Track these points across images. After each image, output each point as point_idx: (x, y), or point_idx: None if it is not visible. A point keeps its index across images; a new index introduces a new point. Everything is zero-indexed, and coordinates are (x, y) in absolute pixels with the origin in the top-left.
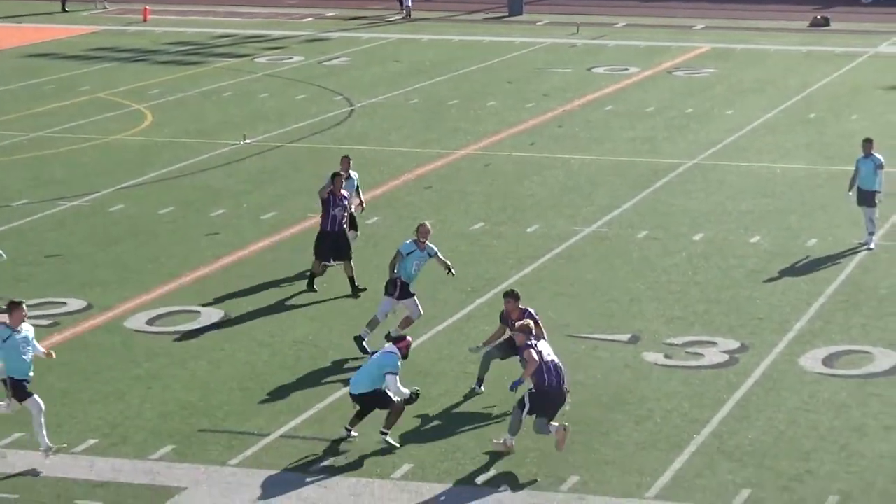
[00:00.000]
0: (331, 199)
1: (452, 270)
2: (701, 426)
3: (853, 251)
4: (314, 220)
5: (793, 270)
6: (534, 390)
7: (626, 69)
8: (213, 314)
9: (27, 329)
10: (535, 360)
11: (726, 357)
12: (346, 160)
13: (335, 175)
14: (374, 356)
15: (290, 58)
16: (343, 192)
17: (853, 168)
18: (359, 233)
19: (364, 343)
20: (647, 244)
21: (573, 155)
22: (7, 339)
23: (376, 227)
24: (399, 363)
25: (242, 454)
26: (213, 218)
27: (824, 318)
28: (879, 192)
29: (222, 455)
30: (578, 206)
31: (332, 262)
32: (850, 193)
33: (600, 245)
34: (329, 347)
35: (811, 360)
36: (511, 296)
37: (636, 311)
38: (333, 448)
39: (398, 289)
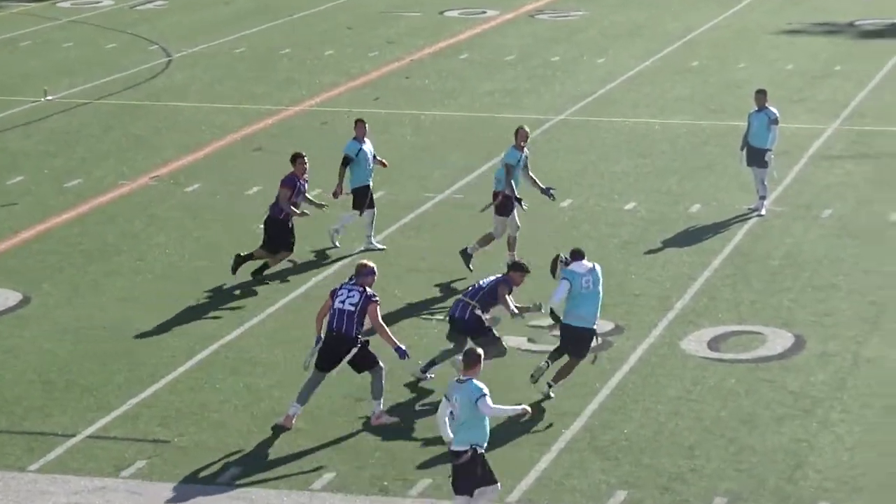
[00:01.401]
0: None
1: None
2: (570, 419)
3: (742, 218)
4: (128, 188)
5: (674, 241)
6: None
7: (484, 12)
8: (9, 297)
9: None
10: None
11: (598, 341)
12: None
13: (297, 157)
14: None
15: (98, 1)
16: (305, 176)
17: (744, 123)
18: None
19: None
20: None
21: (423, 111)
22: None
23: (197, 196)
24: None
25: (44, 458)
26: (9, 186)
27: (709, 295)
28: (770, 151)
29: (21, 459)
30: (430, 170)
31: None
32: (743, 153)
33: (455, 214)
34: (141, 333)
35: (695, 343)
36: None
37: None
38: (147, 449)
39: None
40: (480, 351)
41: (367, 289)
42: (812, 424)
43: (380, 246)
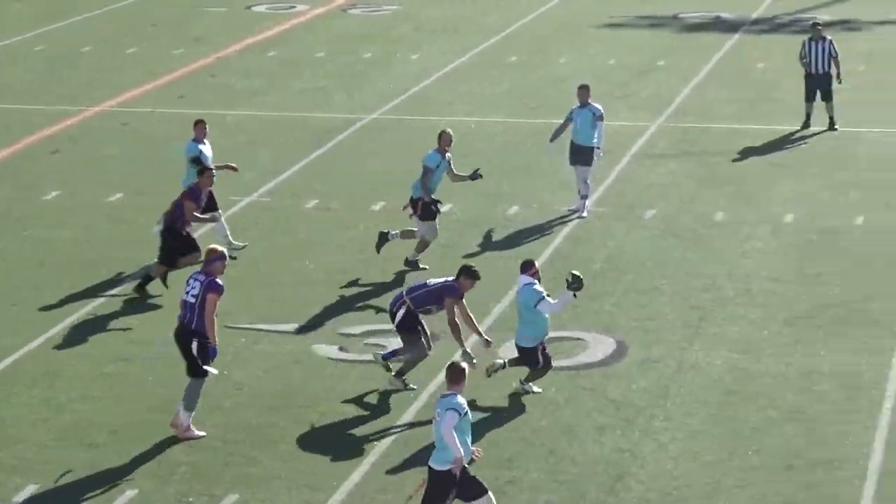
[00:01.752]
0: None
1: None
2: (384, 431)
3: (562, 220)
4: None
5: (491, 244)
6: None
7: (293, 7)
8: None
9: None
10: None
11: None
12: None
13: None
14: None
15: None
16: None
17: (563, 120)
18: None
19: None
20: (318, 216)
21: (229, 110)
22: None
23: None
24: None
25: None
26: None
27: None
28: (599, 149)
29: None
30: (236, 172)
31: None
32: (553, 144)
33: (262, 217)
34: None
35: (513, 351)
36: None
37: (305, 297)
38: None
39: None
40: (464, 365)
41: (213, 277)
42: (634, 433)
43: (240, 244)
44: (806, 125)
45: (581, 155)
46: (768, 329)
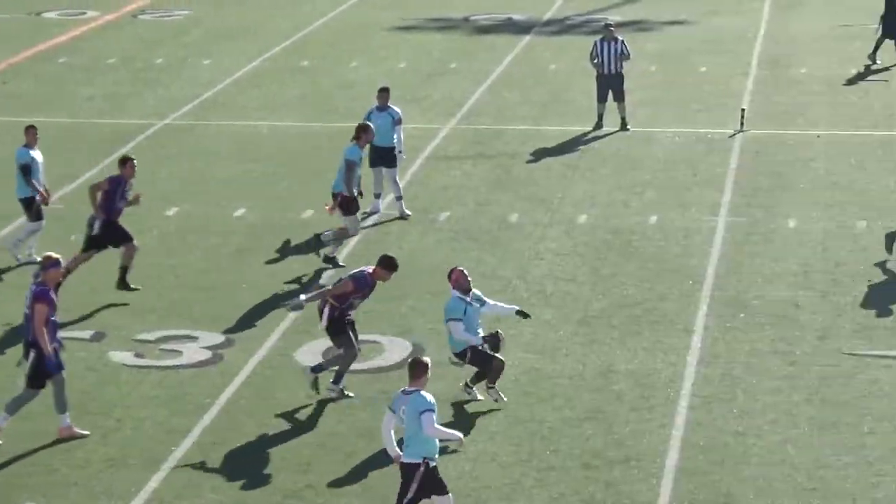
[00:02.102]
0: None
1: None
2: (181, 437)
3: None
4: None
5: (286, 248)
6: None
7: (84, 13)
8: None
9: None
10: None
11: (209, 354)
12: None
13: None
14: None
15: None
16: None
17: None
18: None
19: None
20: None
21: (20, 118)
22: None
23: None
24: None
25: None
26: None
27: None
28: (401, 152)
29: None
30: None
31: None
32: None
33: (56, 224)
34: None
35: (309, 354)
36: None
37: (99, 303)
38: None
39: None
40: (427, 360)
41: (45, 287)
42: None
43: (37, 258)
44: (598, 126)
45: (384, 156)
46: (563, 330)
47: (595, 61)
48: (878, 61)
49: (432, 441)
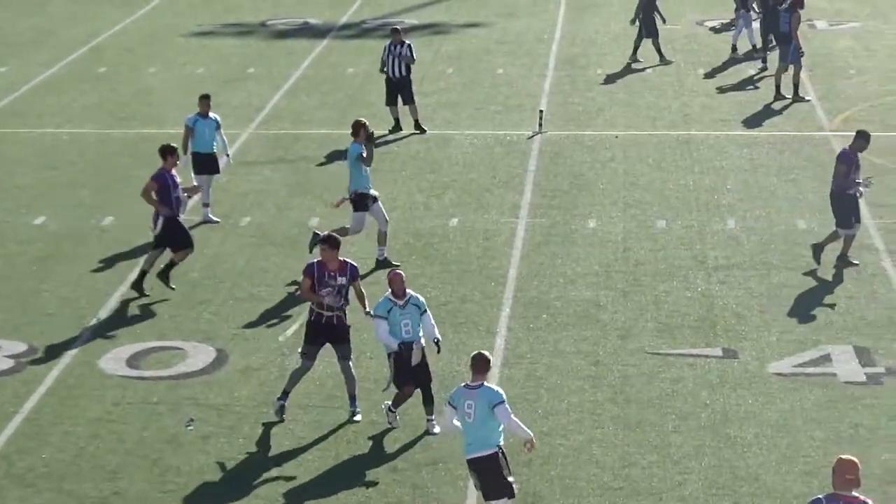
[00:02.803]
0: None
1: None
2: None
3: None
4: None
5: (87, 255)
6: None
7: None
8: None
9: None
10: None
11: (12, 363)
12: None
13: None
14: None
15: None
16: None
17: (161, 130)
18: None
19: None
20: None
21: None
22: None
23: None
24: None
25: None
26: None
27: (127, 311)
28: (229, 156)
29: None
30: None
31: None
32: (186, 157)
33: None
34: None
35: (113, 362)
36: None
37: None
38: None
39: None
40: (488, 354)
41: None
42: (239, 440)
43: None
44: (395, 129)
45: (207, 163)
46: (367, 333)
47: (384, 68)
48: (640, 59)
49: (499, 430)
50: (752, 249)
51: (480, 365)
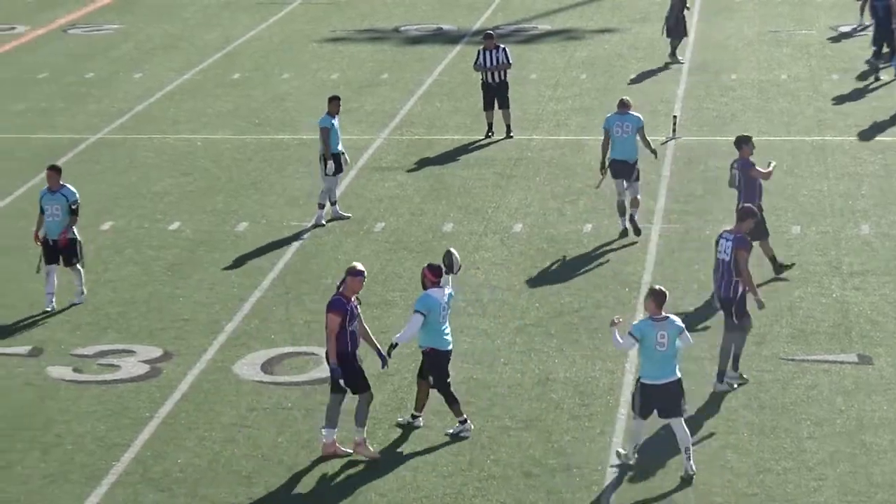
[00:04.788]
0: None
1: None
2: (121, 451)
3: (293, 236)
4: None
5: (222, 261)
6: None
7: (13, 28)
8: None
9: None
10: None
11: (147, 368)
12: None
13: None
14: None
15: None
16: None
17: (286, 137)
18: None
19: None
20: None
21: None
22: None
23: None
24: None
25: None
26: None
27: (261, 317)
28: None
29: None
30: None
31: None
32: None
33: None
34: None
35: (248, 367)
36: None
37: (37, 318)
38: None
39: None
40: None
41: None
42: (373, 445)
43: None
44: (488, 133)
45: (340, 163)
46: (501, 339)
47: (482, 73)
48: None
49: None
50: (887, 255)
51: (660, 299)
